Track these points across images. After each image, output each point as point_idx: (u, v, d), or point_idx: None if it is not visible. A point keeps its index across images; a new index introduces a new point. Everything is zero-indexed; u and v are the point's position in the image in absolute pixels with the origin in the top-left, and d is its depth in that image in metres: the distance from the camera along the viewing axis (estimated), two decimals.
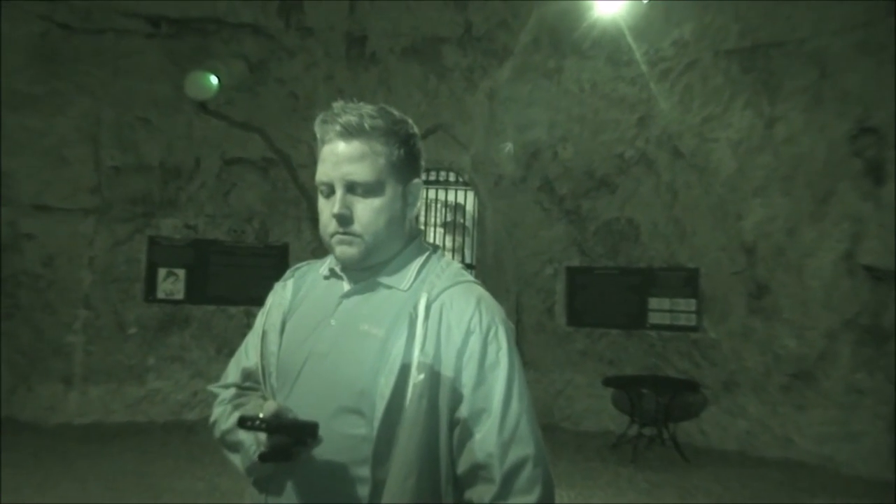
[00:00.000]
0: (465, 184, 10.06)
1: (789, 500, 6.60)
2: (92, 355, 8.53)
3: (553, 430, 9.03)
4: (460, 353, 1.56)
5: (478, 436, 1.54)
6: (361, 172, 1.61)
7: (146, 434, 8.11)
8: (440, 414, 1.56)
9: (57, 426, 8.18)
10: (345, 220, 1.63)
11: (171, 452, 7.37)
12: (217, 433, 1.80)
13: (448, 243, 11.09)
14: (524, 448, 1.55)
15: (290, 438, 1.47)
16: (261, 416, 1.42)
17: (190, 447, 7.45)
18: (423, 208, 10.66)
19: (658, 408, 8.18)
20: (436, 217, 11.10)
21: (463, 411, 1.55)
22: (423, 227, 10.58)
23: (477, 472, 1.54)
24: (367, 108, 1.65)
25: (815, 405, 7.79)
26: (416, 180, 1.74)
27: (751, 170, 8.28)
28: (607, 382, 8.55)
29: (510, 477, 1.52)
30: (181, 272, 8.89)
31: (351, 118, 1.62)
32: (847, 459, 7.46)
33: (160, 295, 8.83)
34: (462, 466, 1.56)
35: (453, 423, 1.57)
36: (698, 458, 7.90)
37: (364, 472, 1.53)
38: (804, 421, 7.85)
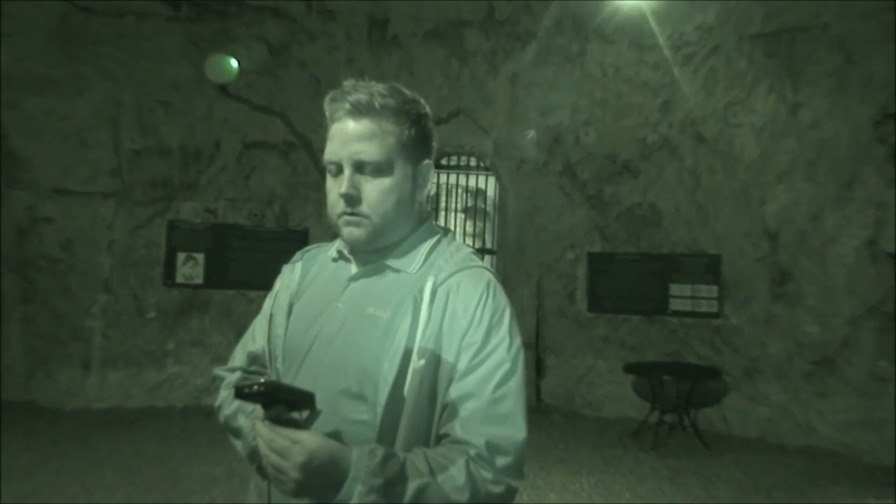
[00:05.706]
0: (487, 169, 10.01)
1: (810, 488, 6.56)
2: (111, 340, 8.51)
3: (574, 416, 9.05)
4: (462, 339, 1.53)
5: (463, 414, 1.49)
6: (370, 152, 1.58)
7: (165, 419, 8.11)
8: (438, 400, 1.53)
9: (75, 411, 8.17)
10: (352, 200, 1.60)
11: (190, 437, 7.38)
12: (221, 417, 1.78)
13: (469, 228, 11.06)
14: (511, 431, 1.51)
15: (288, 407, 1.41)
16: (256, 385, 1.36)
17: (209, 432, 7.42)
18: (444, 193, 10.62)
19: (679, 394, 8.15)
20: (457, 202, 11.07)
21: (451, 394, 1.51)
22: (444, 213, 10.57)
23: (454, 444, 1.49)
24: (378, 87, 1.62)
25: (837, 392, 7.76)
26: (427, 161, 1.71)
27: (774, 155, 8.22)
28: (628, 369, 8.50)
29: (490, 451, 1.47)
30: (201, 256, 8.86)
31: (361, 96, 1.59)
32: (869, 447, 7.43)
33: (179, 279, 8.80)
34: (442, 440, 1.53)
35: (443, 407, 1.53)
36: (719, 445, 7.87)
37: None
38: (826, 408, 7.82)
